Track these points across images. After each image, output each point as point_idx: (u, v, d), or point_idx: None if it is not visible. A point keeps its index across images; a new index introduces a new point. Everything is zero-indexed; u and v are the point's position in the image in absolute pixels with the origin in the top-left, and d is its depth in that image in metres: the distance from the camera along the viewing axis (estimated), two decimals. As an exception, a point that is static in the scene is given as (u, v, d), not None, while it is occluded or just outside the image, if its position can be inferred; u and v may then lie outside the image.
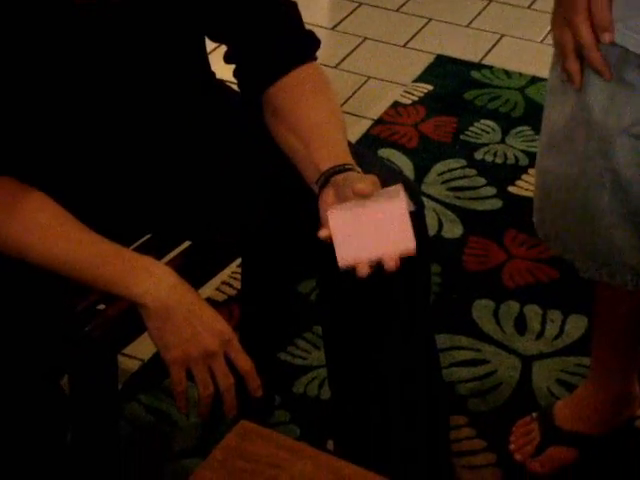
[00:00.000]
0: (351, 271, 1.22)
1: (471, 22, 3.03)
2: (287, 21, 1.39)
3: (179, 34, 1.37)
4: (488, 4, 3.12)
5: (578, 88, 1.30)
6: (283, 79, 1.38)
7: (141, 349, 1.80)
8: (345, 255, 1.21)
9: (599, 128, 1.34)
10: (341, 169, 1.27)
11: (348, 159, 1.29)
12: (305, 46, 1.41)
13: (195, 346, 1.23)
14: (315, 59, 1.42)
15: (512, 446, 1.74)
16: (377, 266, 1.22)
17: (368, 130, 2.53)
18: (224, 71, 1.46)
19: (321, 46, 1.43)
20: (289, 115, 1.36)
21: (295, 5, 1.41)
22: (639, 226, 1.40)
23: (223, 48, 1.41)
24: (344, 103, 2.64)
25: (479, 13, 3.07)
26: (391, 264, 1.21)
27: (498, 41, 2.95)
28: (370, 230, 1.21)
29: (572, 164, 1.39)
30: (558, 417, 1.74)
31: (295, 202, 1.36)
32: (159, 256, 1.39)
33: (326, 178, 1.26)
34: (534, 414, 1.77)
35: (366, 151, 1.45)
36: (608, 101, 1.32)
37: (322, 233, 1.22)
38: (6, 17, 1.20)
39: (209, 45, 1.45)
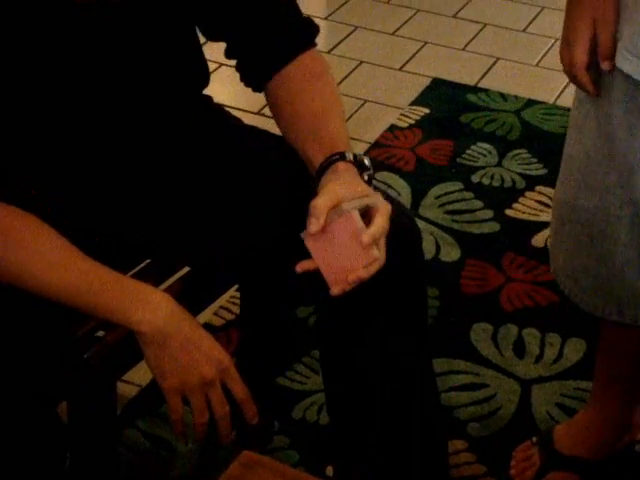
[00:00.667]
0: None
1: (466, 45, 3.04)
2: (284, 10, 1.40)
3: (177, 33, 1.37)
4: (483, 27, 3.13)
5: (595, 94, 1.32)
6: (284, 69, 1.38)
7: (139, 375, 1.79)
8: (336, 281, 1.23)
9: (620, 160, 1.34)
10: (330, 162, 1.28)
11: (340, 147, 1.30)
12: (304, 34, 1.41)
13: (192, 374, 1.23)
14: (314, 45, 1.42)
15: (512, 471, 1.74)
16: (375, 288, 1.23)
17: (365, 153, 2.53)
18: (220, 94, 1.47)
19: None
20: (287, 108, 1.37)
21: None
22: None
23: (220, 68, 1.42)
24: (341, 127, 2.65)
25: (474, 36, 3.09)
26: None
27: (494, 64, 2.96)
28: (347, 247, 1.22)
29: (590, 197, 1.40)
30: (558, 442, 1.73)
31: (293, 228, 1.36)
32: (158, 282, 1.39)
33: (318, 177, 1.28)
34: (534, 439, 1.76)
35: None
36: (628, 133, 1.33)
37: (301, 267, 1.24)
38: (4, 16, 1.20)
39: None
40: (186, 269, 1.46)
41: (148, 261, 1.46)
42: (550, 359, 1.95)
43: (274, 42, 1.38)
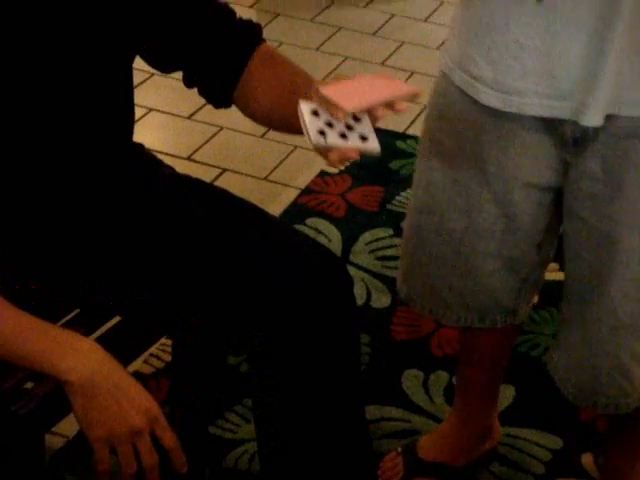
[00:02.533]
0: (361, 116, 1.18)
1: (395, 93, 3.07)
2: (226, 21, 1.41)
3: (113, 73, 1.36)
4: (410, 76, 3.18)
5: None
6: (245, 73, 1.39)
7: (66, 426, 1.75)
8: (351, 102, 1.17)
9: (495, 179, 1.42)
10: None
11: None
12: (250, 35, 1.42)
13: (121, 424, 1.21)
14: (264, 40, 1.44)
15: None
16: (306, 336, 1.22)
17: (296, 199, 2.54)
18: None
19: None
20: (259, 97, 1.38)
21: (225, 3, 1.43)
22: (517, 268, 1.51)
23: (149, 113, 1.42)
24: (270, 173, 2.66)
25: (403, 84, 3.13)
26: (402, 106, 1.20)
27: (422, 111, 3.00)
28: (366, 86, 1.20)
29: (458, 219, 1.48)
30: (421, 450, 1.80)
31: (223, 276, 1.35)
32: (88, 331, 1.37)
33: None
34: (399, 448, 1.81)
35: (289, 226, 1.46)
36: (502, 154, 1.40)
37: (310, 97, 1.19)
38: None
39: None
40: (117, 318, 1.44)
41: (78, 310, 1.44)
42: (480, 405, 1.97)
43: (228, 56, 1.40)
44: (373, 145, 1.20)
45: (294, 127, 1.32)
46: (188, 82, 1.44)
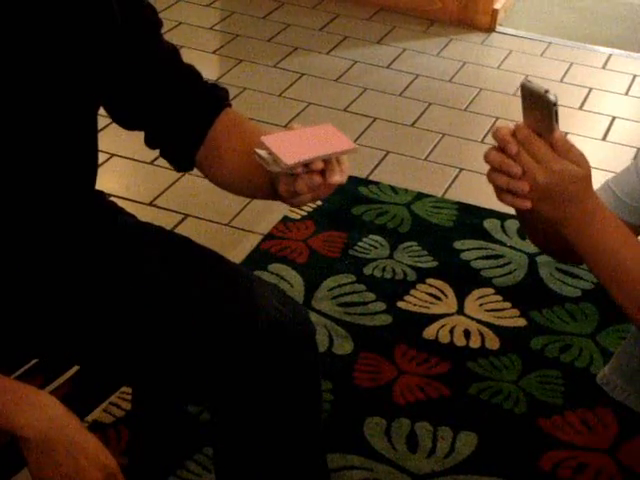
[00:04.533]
0: (298, 173, 1.19)
1: (357, 139, 3.10)
2: (191, 84, 1.41)
3: (78, 118, 1.36)
4: (373, 122, 3.20)
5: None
6: (208, 137, 1.39)
7: None
8: (290, 155, 1.17)
9: None
10: None
11: None
12: (216, 97, 1.43)
13: None
14: (229, 105, 1.44)
15: None
16: (269, 385, 1.20)
17: (258, 245, 2.54)
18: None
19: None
20: (220, 161, 1.38)
21: (191, 66, 1.43)
22: None
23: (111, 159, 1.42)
24: (234, 218, 2.65)
25: (364, 131, 3.15)
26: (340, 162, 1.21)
27: (384, 157, 3.02)
28: (309, 139, 1.20)
29: None
30: None
31: (184, 328, 1.34)
32: (47, 381, 1.35)
33: None
34: None
35: (251, 273, 1.46)
36: None
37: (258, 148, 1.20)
38: None
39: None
40: (75, 368, 1.43)
41: (35, 361, 1.42)
42: (442, 453, 1.96)
43: (191, 120, 1.40)
44: (348, 144, 1.21)
45: (259, 190, 1.33)
46: (150, 143, 1.44)
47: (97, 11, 1.31)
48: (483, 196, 2.80)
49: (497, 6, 3.94)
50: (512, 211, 1.31)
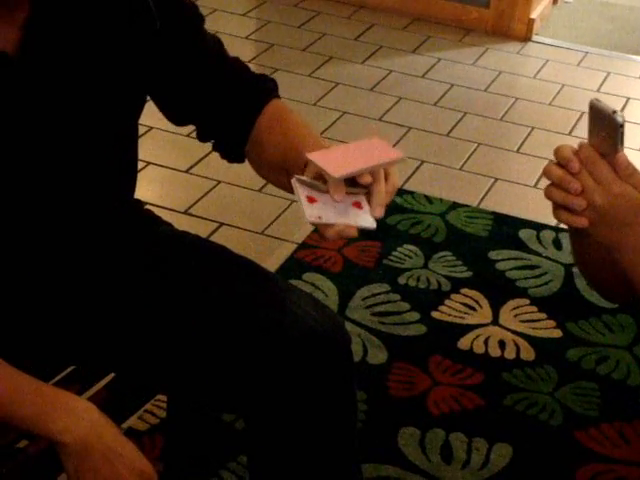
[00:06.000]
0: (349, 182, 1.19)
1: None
2: (237, 77, 1.42)
3: (121, 124, 1.37)
4: (407, 131, 3.19)
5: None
6: (254, 128, 1.40)
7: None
8: (336, 168, 1.17)
9: None
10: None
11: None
12: (262, 89, 1.43)
13: None
14: (278, 96, 1.44)
15: None
16: (304, 394, 1.20)
17: (292, 254, 2.54)
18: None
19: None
20: (264, 153, 1.38)
21: (237, 58, 1.44)
22: None
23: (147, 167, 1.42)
24: (268, 227, 2.66)
25: (398, 141, 3.14)
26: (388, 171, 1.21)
27: (419, 167, 3.01)
28: (354, 153, 1.20)
29: None
30: None
31: (220, 337, 1.34)
32: (83, 388, 1.35)
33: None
34: None
35: (286, 282, 1.46)
36: None
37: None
38: None
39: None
40: (111, 376, 1.43)
41: (72, 368, 1.43)
42: (477, 465, 1.95)
43: (239, 111, 1.40)
44: (369, 221, 1.22)
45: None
46: (202, 136, 1.46)
47: (136, 17, 1.32)
48: (518, 206, 2.78)
49: (533, 15, 3.92)
50: (548, 221, 1.29)
